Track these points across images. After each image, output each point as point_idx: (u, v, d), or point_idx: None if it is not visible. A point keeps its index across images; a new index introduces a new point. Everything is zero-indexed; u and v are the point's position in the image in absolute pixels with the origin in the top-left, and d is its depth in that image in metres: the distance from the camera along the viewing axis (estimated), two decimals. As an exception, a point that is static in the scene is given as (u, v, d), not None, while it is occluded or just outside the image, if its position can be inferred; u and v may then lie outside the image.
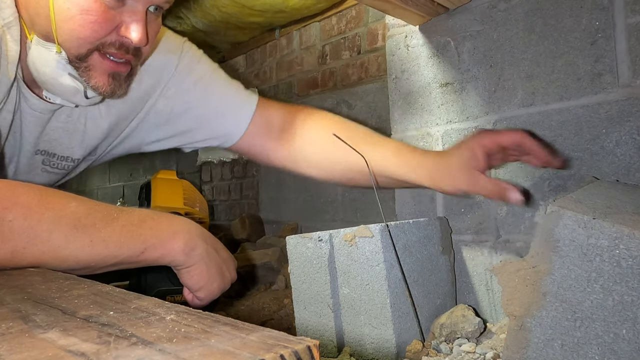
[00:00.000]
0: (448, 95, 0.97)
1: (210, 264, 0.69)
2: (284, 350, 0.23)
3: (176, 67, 0.88)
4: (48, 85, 0.74)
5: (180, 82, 0.89)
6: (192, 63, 0.90)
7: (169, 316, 0.31)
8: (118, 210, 0.61)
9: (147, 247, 0.61)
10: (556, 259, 0.57)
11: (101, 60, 0.71)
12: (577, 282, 0.55)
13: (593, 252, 0.54)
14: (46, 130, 0.82)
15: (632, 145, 0.74)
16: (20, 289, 0.43)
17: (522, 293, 0.60)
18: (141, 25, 0.69)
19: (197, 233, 0.67)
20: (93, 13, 0.66)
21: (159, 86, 0.88)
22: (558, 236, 0.57)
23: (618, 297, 0.52)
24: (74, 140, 0.86)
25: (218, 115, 0.91)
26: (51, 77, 0.72)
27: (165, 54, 0.87)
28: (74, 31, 0.67)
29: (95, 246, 0.57)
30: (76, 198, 0.59)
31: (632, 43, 0.74)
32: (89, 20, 0.67)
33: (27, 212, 0.54)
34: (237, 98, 0.92)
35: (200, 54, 0.93)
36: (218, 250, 0.72)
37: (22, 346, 0.26)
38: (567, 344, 0.55)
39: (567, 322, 0.56)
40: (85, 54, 0.70)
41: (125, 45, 0.71)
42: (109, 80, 0.73)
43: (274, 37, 2.51)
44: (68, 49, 0.69)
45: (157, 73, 0.87)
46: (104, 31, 0.68)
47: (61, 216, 0.56)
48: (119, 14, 0.69)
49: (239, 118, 0.91)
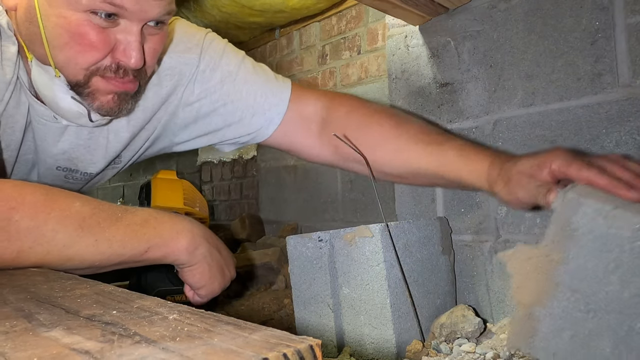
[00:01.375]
0: (448, 95, 0.98)
1: (212, 263, 0.69)
2: (287, 350, 0.24)
3: (197, 66, 0.83)
4: (52, 106, 0.72)
5: (205, 81, 0.84)
6: (215, 60, 0.84)
7: (171, 315, 0.32)
8: (122, 210, 0.61)
9: (151, 246, 0.61)
10: (572, 248, 0.56)
11: (103, 81, 0.67)
12: (593, 272, 0.54)
13: (613, 243, 0.53)
14: (65, 147, 0.80)
15: (632, 145, 0.74)
16: (23, 289, 0.43)
17: (533, 281, 0.59)
18: (136, 47, 0.65)
19: (200, 232, 0.68)
20: (86, 37, 0.63)
21: (181, 87, 0.84)
22: (576, 225, 0.56)
23: (635, 289, 0.51)
24: (96, 156, 0.83)
25: (247, 113, 0.85)
26: (53, 101, 0.70)
27: (184, 54, 0.82)
28: (71, 57, 0.65)
29: (100, 245, 0.57)
30: (81, 198, 0.60)
31: (632, 43, 0.75)
32: (84, 45, 0.63)
33: (34, 212, 0.54)
34: (268, 92, 0.86)
35: (222, 48, 0.87)
36: (219, 249, 0.72)
37: (26, 344, 0.26)
38: (578, 335, 0.54)
39: (579, 313, 0.54)
40: (84, 81, 0.67)
41: (122, 67, 0.67)
42: (114, 99, 0.69)
43: (274, 37, 2.51)
44: (66, 75, 0.67)
45: (178, 74, 0.83)
46: (100, 54, 0.65)
47: (67, 216, 0.56)
48: (113, 33, 0.64)
49: (271, 114, 0.86)
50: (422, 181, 0.86)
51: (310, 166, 2.23)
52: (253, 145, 2.59)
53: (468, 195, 0.94)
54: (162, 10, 0.65)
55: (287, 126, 0.87)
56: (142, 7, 0.63)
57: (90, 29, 0.62)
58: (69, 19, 0.62)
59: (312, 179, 2.22)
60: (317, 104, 0.87)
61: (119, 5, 0.61)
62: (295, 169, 2.33)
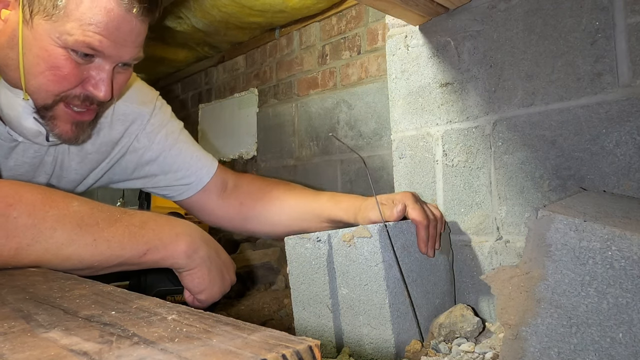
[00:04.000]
0: (448, 95, 0.98)
1: (212, 267, 0.69)
2: (286, 350, 0.24)
3: (149, 120, 0.95)
4: (12, 124, 0.77)
5: (153, 134, 0.96)
6: (165, 119, 0.99)
7: (170, 316, 0.31)
8: (120, 212, 0.62)
9: (150, 248, 0.62)
10: (549, 263, 0.57)
11: (65, 110, 0.74)
12: (571, 286, 0.54)
13: (586, 255, 0.54)
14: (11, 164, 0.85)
15: (632, 145, 0.74)
16: (22, 289, 0.43)
17: (516, 301, 0.59)
18: (107, 83, 0.73)
19: (199, 236, 0.68)
20: (62, 69, 0.70)
21: (131, 134, 0.94)
22: (550, 240, 0.57)
23: (613, 299, 0.52)
24: (39, 176, 0.89)
25: (183, 168, 0.99)
26: (16, 120, 0.75)
27: (138, 105, 0.94)
28: (43, 85, 0.71)
29: (99, 245, 0.57)
30: (78, 198, 0.60)
31: (632, 43, 0.75)
32: (58, 76, 0.70)
33: (32, 209, 0.55)
34: (201, 157, 1.02)
35: (170, 112, 1.02)
36: (219, 253, 0.72)
37: (24, 345, 0.26)
38: (564, 352, 0.54)
39: (563, 329, 0.55)
40: (51, 105, 0.73)
41: (89, 98, 0.74)
42: (72, 129, 0.77)
43: (274, 37, 2.51)
44: (35, 99, 0.73)
45: (129, 122, 0.93)
46: (71, 85, 0.72)
47: (65, 214, 0.56)
48: (86, 69, 0.72)
49: (201, 175, 1.00)
50: (307, 225, 1.00)
51: (310, 166, 2.23)
52: (253, 145, 2.59)
53: (468, 195, 0.94)
54: (134, 55, 0.75)
55: (209, 188, 1.02)
56: (118, 53, 0.72)
57: (68, 64, 0.70)
58: (50, 52, 0.69)
59: (312, 178, 2.22)
60: (231, 175, 1.06)
61: (99, 50, 0.70)
62: (295, 169, 2.33)
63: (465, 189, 0.94)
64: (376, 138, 1.93)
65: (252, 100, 2.65)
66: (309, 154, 2.26)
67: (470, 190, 0.94)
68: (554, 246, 0.56)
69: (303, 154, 2.29)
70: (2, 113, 0.76)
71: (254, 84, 2.67)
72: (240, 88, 2.77)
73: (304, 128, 2.30)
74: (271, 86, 2.57)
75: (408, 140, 1.04)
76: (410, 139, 1.04)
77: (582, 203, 0.63)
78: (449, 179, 0.97)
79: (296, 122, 2.36)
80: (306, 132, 2.29)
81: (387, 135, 1.88)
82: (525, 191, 0.86)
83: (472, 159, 0.94)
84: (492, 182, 0.91)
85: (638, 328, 0.51)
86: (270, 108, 2.52)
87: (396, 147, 1.07)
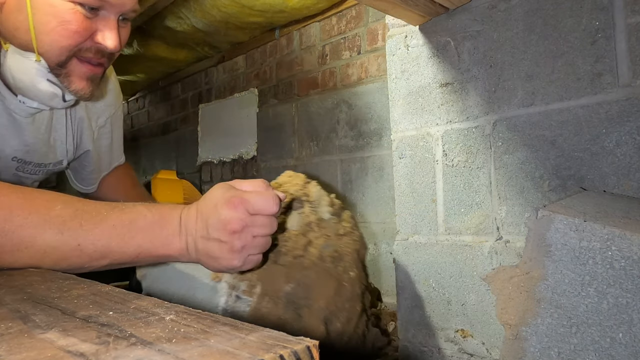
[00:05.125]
0: (448, 95, 0.97)
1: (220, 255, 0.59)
2: (283, 351, 0.23)
3: (116, 111, 1.11)
4: (25, 90, 0.79)
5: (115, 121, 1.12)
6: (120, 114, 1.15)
7: (168, 316, 0.31)
8: (108, 208, 0.58)
9: (141, 251, 0.58)
10: (549, 263, 0.56)
11: (80, 65, 0.78)
12: (571, 286, 0.54)
13: (586, 255, 0.54)
14: (27, 140, 0.89)
15: (632, 145, 0.74)
16: (20, 289, 0.43)
17: (516, 301, 0.59)
18: (115, 33, 0.77)
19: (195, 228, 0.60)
20: (72, 23, 0.73)
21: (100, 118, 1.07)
22: (550, 240, 0.57)
23: (613, 299, 0.52)
24: (50, 151, 0.95)
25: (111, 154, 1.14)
26: (30, 84, 0.77)
27: (117, 97, 1.09)
28: (55, 41, 0.74)
29: (84, 249, 0.55)
30: (64, 199, 0.57)
31: (632, 43, 0.74)
32: (70, 30, 0.73)
33: (8, 214, 0.52)
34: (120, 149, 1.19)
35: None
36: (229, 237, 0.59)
37: (21, 346, 0.26)
38: (564, 352, 0.54)
39: (563, 329, 0.55)
40: (65, 61, 0.76)
41: (100, 50, 0.78)
42: (88, 84, 0.80)
43: (274, 37, 2.51)
44: (49, 57, 0.75)
45: (112, 105, 1.07)
46: (83, 38, 0.75)
47: (45, 220, 0.53)
48: (94, 22, 0.75)
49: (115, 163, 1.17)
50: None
51: (309, 166, 2.23)
52: (253, 145, 2.59)
53: (468, 195, 0.94)
54: (134, 5, 0.79)
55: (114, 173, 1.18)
56: (121, 1, 0.76)
57: (77, 17, 0.73)
58: (58, 7, 0.72)
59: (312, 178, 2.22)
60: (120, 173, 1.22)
61: (104, 0, 0.74)
62: (295, 169, 2.33)
63: (465, 189, 0.94)
64: (376, 138, 1.93)
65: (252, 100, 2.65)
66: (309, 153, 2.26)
67: (470, 190, 0.93)
68: (554, 246, 0.56)
69: (303, 154, 2.29)
70: (15, 80, 0.78)
71: (254, 84, 2.67)
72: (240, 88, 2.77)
73: (304, 128, 2.31)
74: (271, 86, 2.57)
75: (408, 140, 1.04)
76: (410, 139, 1.04)
77: (582, 203, 0.63)
78: (449, 179, 0.97)
79: (296, 122, 2.36)
80: (306, 132, 2.29)
81: (387, 135, 1.88)
82: (525, 191, 0.85)
83: (472, 159, 0.94)
84: (492, 182, 0.91)
85: (638, 328, 0.50)
86: (270, 108, 2.52)
87: (396, 147, 1.06)
